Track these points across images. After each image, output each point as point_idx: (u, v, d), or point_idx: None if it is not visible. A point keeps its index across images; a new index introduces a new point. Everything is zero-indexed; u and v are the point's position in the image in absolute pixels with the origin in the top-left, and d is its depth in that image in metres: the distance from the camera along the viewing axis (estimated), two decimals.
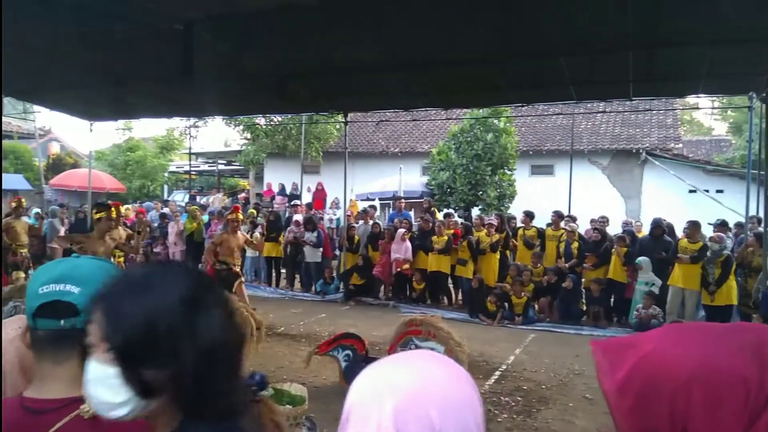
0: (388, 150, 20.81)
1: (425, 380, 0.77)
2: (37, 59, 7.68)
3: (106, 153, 24.18)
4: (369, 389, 0.77)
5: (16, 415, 0.99)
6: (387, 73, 7.75)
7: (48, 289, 1.03)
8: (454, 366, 0.83)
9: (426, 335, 5.38)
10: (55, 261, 1.12)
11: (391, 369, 0.80)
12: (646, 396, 0.76)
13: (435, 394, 0.75)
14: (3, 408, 1.03)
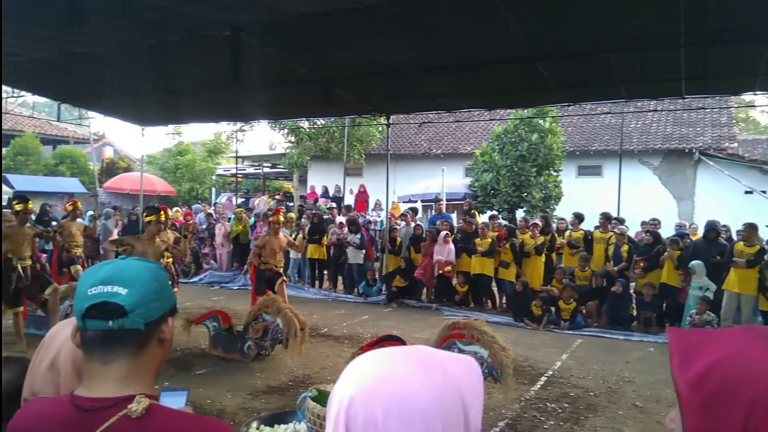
0: (431, 152, 20.73)
1: (386, 378, 0.80)
2: (92, 67, 8.01)
3: (157, 157, 24.99)
4: (344, 378, 0.83)
5: (67, 412, 1.02)
6: (430, 75, 7.72)
7: (96, 290, 1.05)
8: (432, 366, 0.84)
9: (469, 339, 5.31)
10: (102, 262, 1.14)
11: (368, 363, 0.84)
12: (722, 397, 0.74)
13: (388, 394, 0.78)
14: (55, 404, 1.07)
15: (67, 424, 1.01)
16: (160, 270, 1.14)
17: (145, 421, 1.01)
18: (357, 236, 11.32)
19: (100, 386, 1.05)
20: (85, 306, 1.05)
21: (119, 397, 1.03)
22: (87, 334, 1.06)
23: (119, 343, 1.06)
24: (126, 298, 1.04)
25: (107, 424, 0.99)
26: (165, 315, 1.12)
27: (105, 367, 1.06)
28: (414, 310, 10.33)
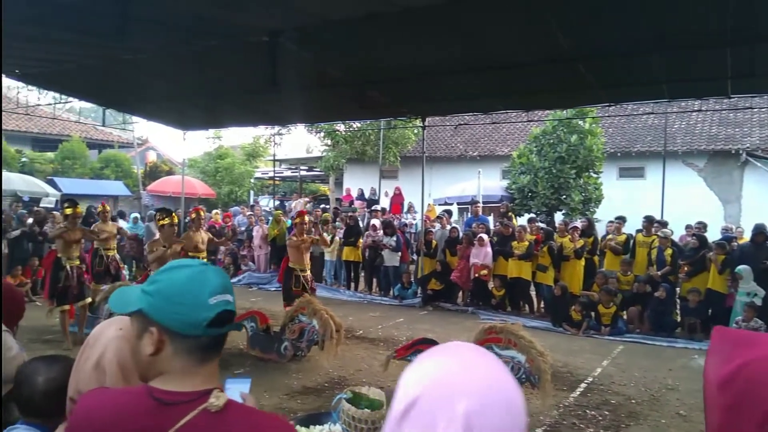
0: (467, 154, 20.59)
1: (495, 385, 0.78)
2: (136, 73, 8.25)
3: (198, 160, 25.55)
4: (438, 386, 0.77)
5: (146, 404, 1.06)
6: (466, 76, 7.66)
7: (218, 299, 1.10)
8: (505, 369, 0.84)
9: (506, 343, 5.24)
10: (205, 268, 1.16)
11: (459, 368, 0.80)
12: (745, 398, 0.73)
13: (504, 401, 0.77)
14: (129, 396, 1.10)
15: (147, 415, 1.05)
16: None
17: (222, 416, 1.05)
18: (392, 239, 11.33)
19: (188, 382, 1.09)
20: (210, 315, 1.09)
21: (198, 391, 1.07)
22: (200, 340, 1.10)
23: (219, 345, 1.14)
24: (233, 305, 1.13)
25: (188, 417, 1.03)
26: None
27: (200, 366, 1.11)
28: (450, 314, 10.26)
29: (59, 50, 7.26)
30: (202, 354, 1.11)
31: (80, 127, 22.04)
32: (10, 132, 19.81)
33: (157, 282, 1.12)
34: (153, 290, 1.11)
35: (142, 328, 1.12)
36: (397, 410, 0.79)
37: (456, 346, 0.87)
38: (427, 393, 0.77)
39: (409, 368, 0.84)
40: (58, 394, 1.57)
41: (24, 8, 5.29)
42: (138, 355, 1.13)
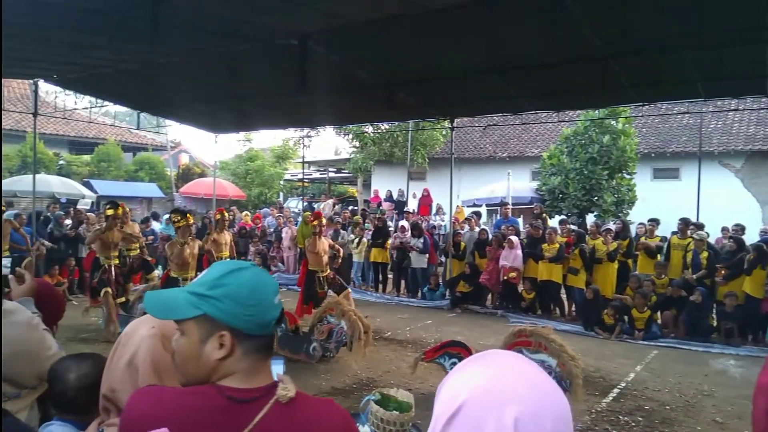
0: (496, 155, 20.42)
1: (543, 392, 0.78)
2: (168, 77, 8.43)
3: (228, 163, 25.96)
4: (485, 392, 0.77)
5: (219, 403, 1.07)
6: (494, 77, 7.60)
7: (278, 299, 1.18)
8: (548, 376, 0.84)
9: (536, 347, 5.17)
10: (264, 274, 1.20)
11: (505, 374, 0.80)
12: None
13: (552, 408, 0.76)
14: (197, 395, 1.10)
15: (222, 414, 1.06)
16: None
17: (292, 406, 1.09)
18: (420, 240, 11.30)
19: (256, 379, 1.13)
20: (276, 314, 1.16)
21: (266, 386, 1.12)
22: (265, 339, 1.16)
23: (273, 342, 1.20)
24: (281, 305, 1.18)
25: (264, 411, 1.07)
26: None
27: (263, 363, 1.16)
28: (478, 316, 10.18)
29: (95, 55, 7.47)
30: (267, 351, 1.16)
31: (115, 131, 22.61)
32: (49, 135, 20.42)
33: (224, 286, 1.11)
34: (220, 294, 1.10)
35: (208, 333, 1.11)
36: (441, 416, 0.78)
37: (498, 353, 0.87)
38: (474, 399, 0.76)
39: (452, 373, 0.84)
40: (88, 389, 1.61)
41: (61, 14, 5.45)
42: (198, 360, 1.12)
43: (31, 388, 1.78)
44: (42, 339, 1.82)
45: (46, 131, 19.90)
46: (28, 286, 2.01)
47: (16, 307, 1.78)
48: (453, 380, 0.83)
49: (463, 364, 0.86)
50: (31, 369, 1.75)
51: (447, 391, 0.81)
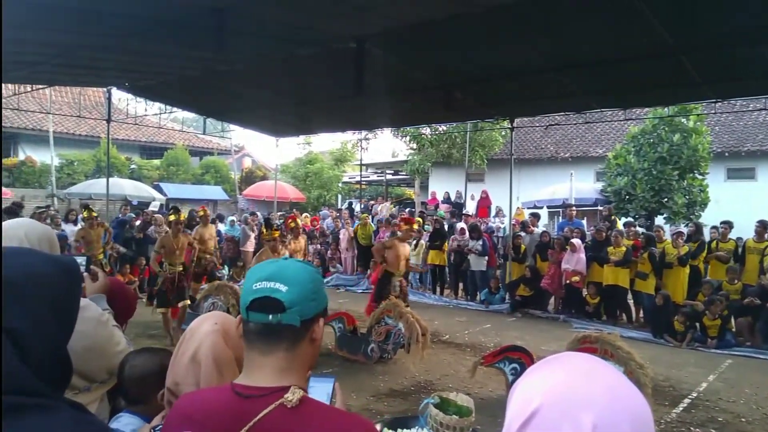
0: (558, 155, 19.89)
1: (621, 396, 0.75)
2: (232, 84, 8.69)
3: (289, 166, 26.51)
4: (561, 396, 0.75)
5: (228, 398, 1.10)
6: (558, 75, 7.40)
7: (261, 285, 1.13)
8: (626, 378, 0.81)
9: (602, 354, 4.98)
10: (268, 261, 1.22)
11: (581, 378, 0.78)
12: None
13: (630, 411, 0.74)
14: (217, 392, 1.16)
15: (229, 409, 1.09)
16: (317, 273, 1.21)
17: (298, 411, 1.06)
18: (479, 243, 11.13)
19: (259, 376, 1.12)
20: (249, 299, 1.13)
21: (275, 387, 1.10)
22: (249, 326, 1.14)
23: (276, 337, 1.13)
24: (285, 294, 1.11)
25: (266, 411, 1.05)
26: (318, 315, 1.18)
27: (264, 358, 1.13)
28: (540, 321, 9.93)
29: (163, 63, 7.80)
30: (260, 344, 1.13)
31: (183, 136, 23.56)
32: (121, 141, 21.51)
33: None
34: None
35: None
36: (514, 421, 0.77)
37: (573, 355, 0.85)
38: (549, 403, 0.75)
39: (524, 377, 0.82)
40: (143, 379, 1.71)
41: (133, 25, 5.72)
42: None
43: (101, 382, 1.84)
44: (111, 335, 1.88)
45: (119, 137, 20.97)
46: (101, 284, 2.09)
47: (87, 303, 1.84)
48: (526, 384, 0.80)
49: (535, 368, 0.83)
50: (100, 363, 1.81)
51: (520, 396, 0.79)
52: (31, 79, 9.70)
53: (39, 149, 19.15)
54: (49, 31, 6.01)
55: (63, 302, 1.03)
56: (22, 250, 1.10)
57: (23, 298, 0.95)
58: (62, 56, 7.11)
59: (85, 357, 1.68)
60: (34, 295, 0.97)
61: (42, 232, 1.86)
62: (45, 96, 17.46)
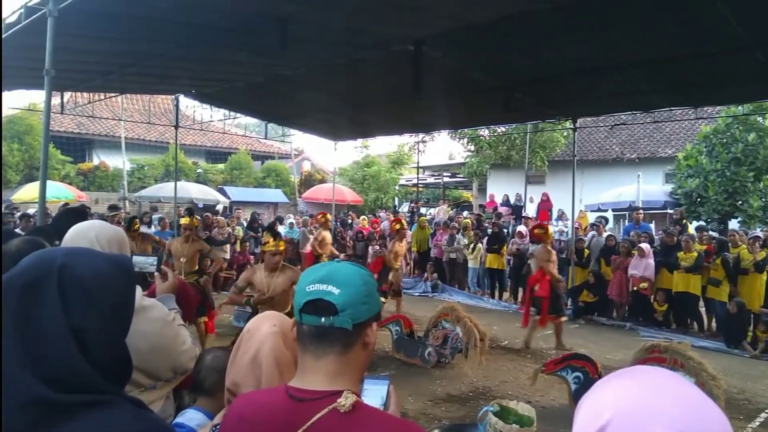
0: (624, 156, 19.17)
1: (696, 411, 0.72)
2: (293, 89, 8.86)
3: (347, 169, 26.81)
4: (633, 409, 0.73)
5: (282, 400, 1.11)
6: (622, 72, 7.12)
7: (314, 288, 1.13)
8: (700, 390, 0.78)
9: (672, 364, 4.76)
10: (321, 263, 1.23)
11: (653, 391, 0.75)
12: None
13: (704, 425, 0.72)
14: (271, 394, 1.17)
15: (283, 411, 1.09)
16: (370, 276, 1.20)
17: (351, 416, 1.05)
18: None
19: (312, 379, 1.12)
20: (302, 301, 1.13)
21: (328, 390, 1.09)
22: (302, 328, 1.14)
23: (328, 340, 1.12)
24: (338, 297, 1.11)
25: (319, 415, 1.05)
26: (370, 319, 1.16)
27: (316, 361, 1.13)
28: (604, 328, 9.57)
29: (228, 70, 8.05)
30: (313, 347, 1.13)
31: (246, 141, 24.28)
32: (188, 146, 22.37)
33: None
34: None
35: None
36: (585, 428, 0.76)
37: (644, 369, 0.82)
38: (619, 418, 0.73)
39: (594, 390, 0.81)
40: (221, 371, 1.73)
41: (199, 34, 5.93)
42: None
43: (167, 380, 1.89)
44: (177, 334, 1.92)
45: (186, 142, 21.81)
46: (170, 284, 2.14)
47: (154, 303, 1.90)
48: (595, 397, 0.78)
49: (605, 381, 0.81)
50: (166, 362, 1.85)
51: (589, 409, 0.77)
52: (104, 88, 10.24)
53: (112, 154, 20.21)
54: (120, 42, 6.32)
55: (123, 301, 1.07)
56: (82, 250, 1.14)
57: (90, 298, 0.99)
58: (133, 65, 7.47)
59: (151, 356, 1.74)
60: (100, 294, 1.01)
61: (113, 233, 1.91)
62: (117, 104, 18.42)
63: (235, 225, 13.01)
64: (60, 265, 0.99)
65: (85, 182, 18.66)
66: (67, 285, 0.97)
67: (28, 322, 0.93)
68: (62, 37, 4.83)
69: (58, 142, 17.42)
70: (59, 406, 0.91)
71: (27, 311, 0.94)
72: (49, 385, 0.91)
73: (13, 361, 0.91)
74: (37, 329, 0.93)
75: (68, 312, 0.95)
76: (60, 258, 1.01)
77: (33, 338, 0.93)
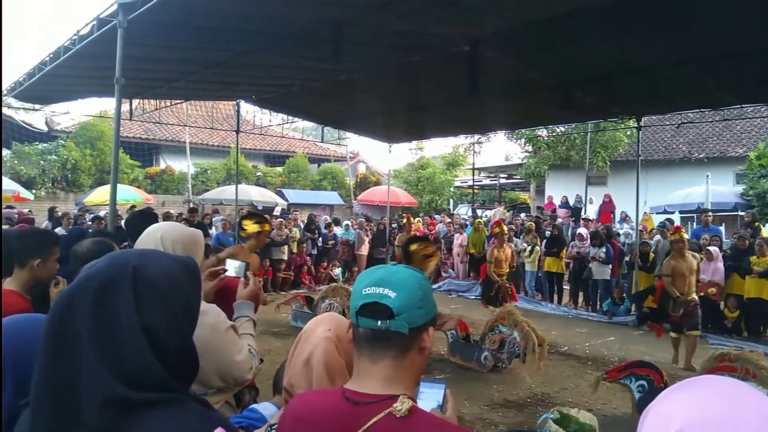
0: (691, 156, 18.31)
1: (736, 409, 0.70)
2: (348, 92, 8.96)
3: (401, 171, 26.86)
4: (703, 421, 0.70)
5: (339, 403, 1.11)
6: (690, 68, 6.79)
7: (370, 291, 1.13)
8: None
9: (742, 373, 4.52)
10: (376, 266, 1.22)
11: (725, 402, 0.72)
12: None
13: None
14: (328, 395, 1.17)
15: (339, 413, 1.10)
16: (426, 280, 1.18)
17: (407, 421, 1.05)
18: (602, 250, 10.52)
19: (368, 383, 1.12)
20: (359, 304, 1.13)
21: (384, 395, 1.09)
22: (358, 331, 1.14)
23: (385, 344, 1.12)
24: (394, 301, 1.10)
25: (375, 420, 1.05)
26: (427, 323, 1.15)
27: (373, 365, 1.13)
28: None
29: (286, 75, 8.23)
30: (369, 350, 1.12)
31: (303, 144, 24.74)
32: (248, 150, 23.00)
33: None
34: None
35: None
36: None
37: (715, 378, 0.79)
38: (690, 427, 0.70)
39: (661, 399, 0.78)
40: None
41: (258, 41, 6.09)
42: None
43: (218, 390, 1.86)
44: (228, 342, 1.88)
45: (246, 146, 22.43)
46: (250, 290, 2.13)
47: (207, 309, 1.88)
48: (663, 407, 0.75)
49: (674, 389, 0.78)
50: (213, 370, 1.82)
51: (655, 419, 0.74)
52: (170, 95, 10.66)
53: (177, 159, 21.05)
54: (185, 50, 6.57)
55: (191, 301, 1.09)
56: (153, 252, 1.17)
57: (162, 298, 1.01)
58: (197, 73, 7.75)
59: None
60: (171, 294, 1.03)
61: (178, 235, 1.93)
62: (182, 110, 19.15)
63: (292, 227, 13.25)
64: (134, 266, 1.02)
65: (152, 185, 19.49)
66: (140, 286, 1.00)
67: (105, 323, 0.96)
68: (131, 47, 5.06)
69: (127, 148, 18.27)
70: (133, 403, 0.94)
71: (103, 312, 0.97)
72: (124, 383, 0.94)
73: (90, 360, 0.94)
74: (112, 329, 0.96)
75: (141, 312, 0.98)
76: (133, 260, 1.04)
77: (109, 338, 0.96)
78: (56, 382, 0.95)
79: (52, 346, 0.97)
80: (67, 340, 0.96)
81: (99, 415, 0.92)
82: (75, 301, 0.99)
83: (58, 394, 0.94)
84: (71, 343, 0.96)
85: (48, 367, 0.96)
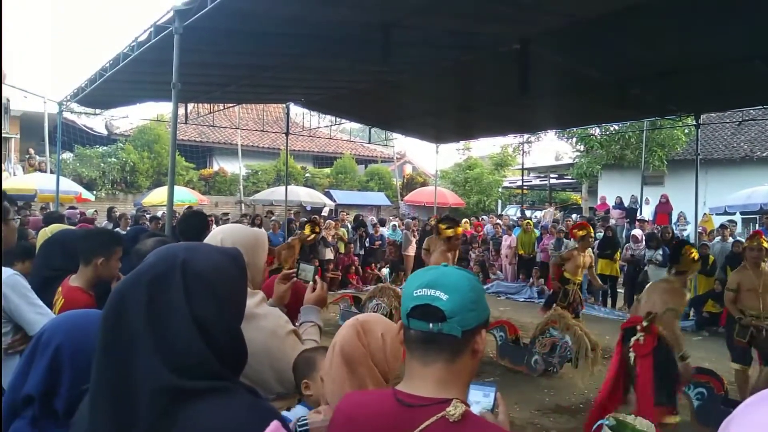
0: (753, 155, 17.45)
1: None
2: (396, 93, 8.97)
3: (448, 172, 26.69)
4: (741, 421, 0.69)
5: (391, 404, 1.11)
6: (753, 64, 6.46)
7: (421, 292, 1.12)
8: None
9: None
10: (427, 267, 1.21)
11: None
12: None
13: None
14: (378, 396, 1.18)
15: (391, 415, 1.10)
16: (478, 282, 1.17)
17: (460, 426, 1.03)
18: (658, 252, 10.15)
19: (420, 385, 1.11)
20: (410, 306, 1.12)
21: (436, 398, 1.08)
22: (410, 333, 1.13)
23: (437, 347, 1.11)
24: (446, 303, 1.09)
25: (428, 423, 1.04)
26: (479, 326, 1.13)
27: (424, 368, 1.12)
28: None
29: (334, 78, 8.31)
30: (420, 353, 1.12)
31: (350, 145, 24.97)
32: (297, 152, 23.40)
33: None
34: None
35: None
36: None
37: None
38: None
39: (739, 413, 0.73)
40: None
41: (308, 44, 6.18)
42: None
43: (278, 396, 1.85)
44: (288, 347, 1.88)
45: (295, 148, 22.81)
46: (317, 295, 2.14)
47: (268, 313, 1.90)
48: (742, 421, 0.71)
49: (753, 403, 0.73)
50: (272, 375, 1.83)
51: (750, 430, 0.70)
52: (223, 99, 10.96)
53: (229, 160, 21.62)
54: (237, 55, 6.73)
55: (237, 291, 1.12)
56: (200, 245, 1.20)
57: (210, 289, 1.05)
58: (248, 77, 7.93)
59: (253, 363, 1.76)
60: (218, 285, 1.07)
61: (239, 237, 1.92)
62: (234, 113, 19.67)
63: (339, 227, 13.37)
64: (182, 260, 1.06)
65: (206, 187, 20.08)
66: (189, 278, 1.04)
67: (157, 315, 1.01)
68: (186, 52, 5.22)
69: (182, 150, 18.88)
70: (185, 391, 0.98)
71: (155, 305, 1.01)
72: (177, 372, 0.98)
73: (144, 351, 0.99)
74: (164, 320, 1.01)
75: (191, 303, 1.02)
76: (182, 254, 1.09)
77: (161, 329, 1.00)
78: (112, 372, 1.00)
79: (109, 339, 1.02)
80: (122, 332, 1.01)
81: (151, 402, 0.96)
82: (128, 295, 1.04)
83: (115, 383, 0.99)
84: (126, 335, 1.00)
85: (105, 359, 1.01)
